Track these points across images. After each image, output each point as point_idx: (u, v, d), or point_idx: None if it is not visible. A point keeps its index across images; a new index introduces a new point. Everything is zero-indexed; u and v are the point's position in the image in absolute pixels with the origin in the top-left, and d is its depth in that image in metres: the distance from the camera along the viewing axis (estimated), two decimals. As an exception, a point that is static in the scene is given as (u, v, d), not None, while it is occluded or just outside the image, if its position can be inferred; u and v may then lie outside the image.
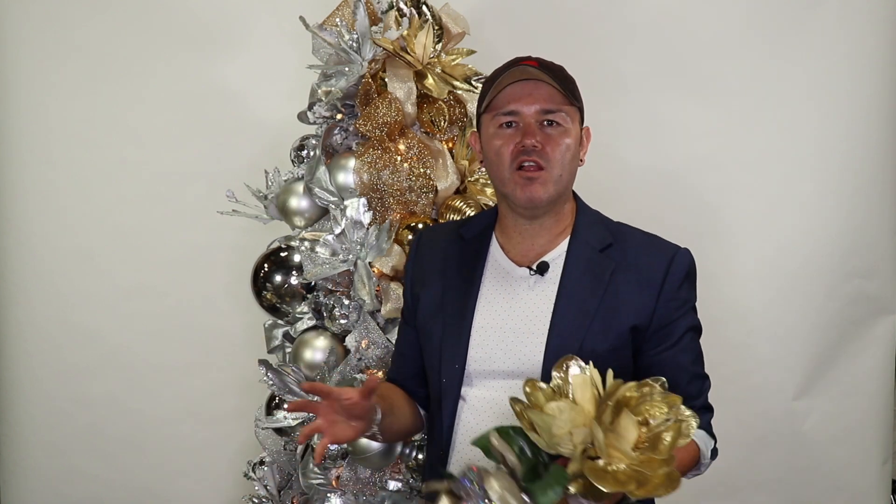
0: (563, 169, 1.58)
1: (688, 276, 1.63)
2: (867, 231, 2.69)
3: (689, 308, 1.63)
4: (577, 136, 1.60)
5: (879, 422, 2.81)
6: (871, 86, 2.62)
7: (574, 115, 1.59)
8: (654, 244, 1.64)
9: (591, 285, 1.58)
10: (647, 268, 1.59)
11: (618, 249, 1.62)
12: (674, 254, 1.61)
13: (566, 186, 1.61)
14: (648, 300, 1.57)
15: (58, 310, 2.78)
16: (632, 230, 1.67)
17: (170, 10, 2.67)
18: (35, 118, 2.73)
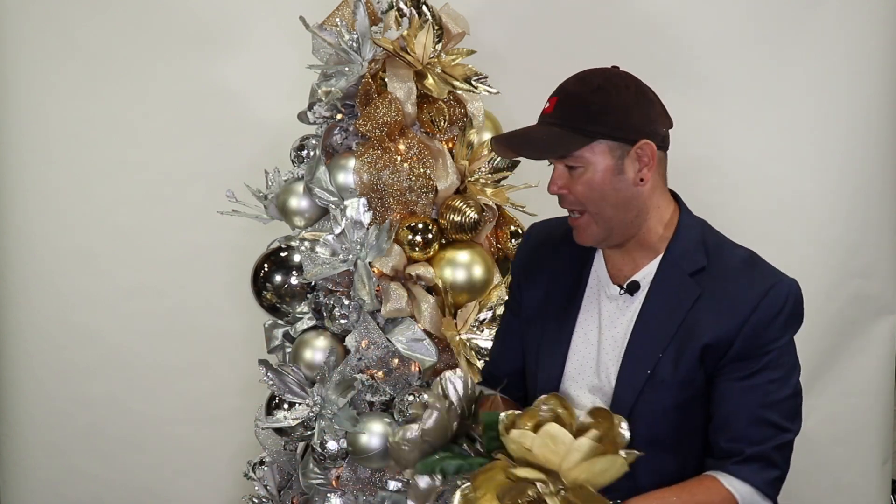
0: (598, 207, 1.47)
1: (783, 312, 1.45)
2: (867, 231, 2.69)
3: (778, 347, 1.45)
4: (608, 164, 1.45)
5: (879, 422, 2.81)
6: (871, 86, 2.62)
7: (598, 146, 1.45)
8: (751, 272, 1.49)
9: (672, 310, 1.48)
10: (735, 297, 1.45)
11: (709, 275, 1.49)
12: (771, 286, 1.46)
13: (620, 222, 1.49)
14: (729, 331, 1.44)
15: (58, 310, 2.78)
16: (732, 253, 1.53)
17: (170, 10, 2.67)
18: (35, 118, 2.73)
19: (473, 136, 2.13)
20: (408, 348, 2.04)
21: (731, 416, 1.42)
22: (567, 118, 1.46)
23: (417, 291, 2.06)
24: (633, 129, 1.46)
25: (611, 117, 1.45)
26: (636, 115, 1.46)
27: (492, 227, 2.19)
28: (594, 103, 1.46)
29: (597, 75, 1.52)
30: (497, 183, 2.15)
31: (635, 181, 1.47)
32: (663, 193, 1.53)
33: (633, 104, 1.47)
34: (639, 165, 1.46)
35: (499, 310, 2.10)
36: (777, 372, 1.43)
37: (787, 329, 1.46)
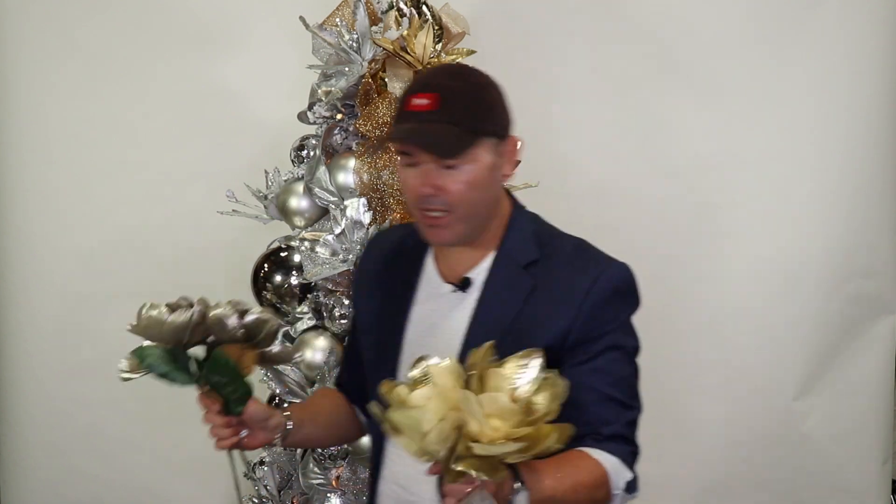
0: (472, 206, 1.44)
1: (616, 294, 1.45)
2: (867, 231, 2.69)
3: (614, 327, 1.44)
4: (489, 162, 1.43)
5: (879, 422, 2.81)
6: (871, 86, 2.62)
7: (483, 143, 1.42)
8: (581, 259, 1.48)
9: (507, 305, 1.46)
10: (567, 285, 1.45)
11: (542, 267, 1.48)
12: (601, 271, 1.45)
13: (483, 218, 1.48)
14: (564, 320, 1.43)
15: (58, 310, 2.78)
16: (564, 244, 1.51)
17: (170, 11, 2.67)
18: (35, 118, 2.73)
19: (473, 136, 2.13)
20: (408, 348, 2.04)
21: (581, 399, 1.37)
22: (458, 116, 1.41)
23: (417, 291, 2.06)
24: (507, 126, 1.47)
25: (494, 114, 1.45)
26: (506, 110, 1.48)
27: (492, 227, 2.18)
28: (482, 100, 1.44)
29: (471, 72, 1.49)
30: (497, 183, 2.14)
31: (500, 177, 1.48)
32: (501, 188, 1.53)
33: (502, 100, 1.47)
34: (504, 161, 1.47)
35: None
36: (617, 352, 1.44)
37: (623, 309, 1.47)
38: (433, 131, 1.41)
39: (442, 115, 1.41)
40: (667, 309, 2.73)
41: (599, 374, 1.42)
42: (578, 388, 1.33)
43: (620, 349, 1.45)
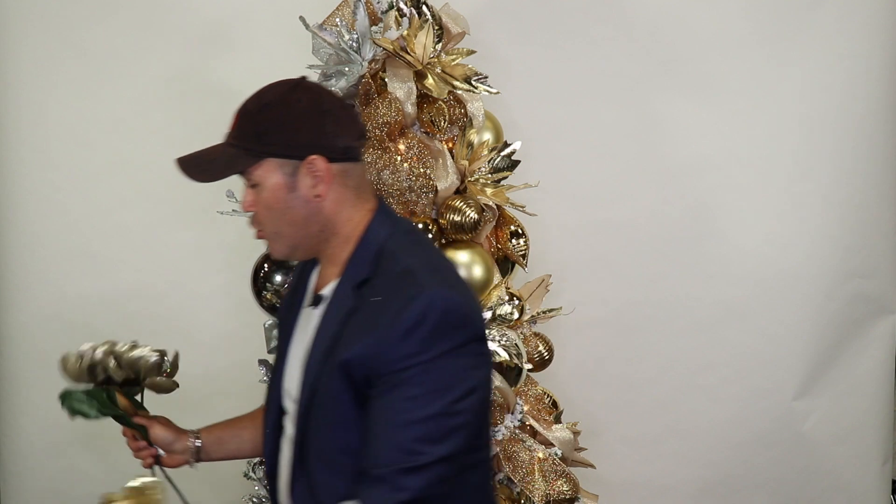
0: (274, 225, 1.45)
1: (422, 326, 1.31)
2: (867, 231, 2.69)
3: (420, 363, 1.31)
4: (280, 182, 1.42)
5: (879, 422, 2.81)
6: (870, 86, 2.63)
7: (267, 164, 1.43)
8: (399, 285, 1.37)
9: (334, 324, 1.43)
10: (378, 310, 1.36)
11: (369, 287, 1.41)
12: (410, 299, 1.33)
13: (303, 235, 1.45)
14: (367, 346, 1.34)
15: (58, 310, 2.78)
16: (395, 266, 1.41)
17: (170, 10, 2.67)
18: (35, 118, 2.73)
19: (473, 136, 2.13)
20: (408, 348, 2.04)
21: (369, 434, 1.33)
22: (240, 137, 1.46)
23: (417, 291, 2.06)
24: (302, 145, 1.42)
25: (278, 135, 1.43)
26: (306, 130, 1.42)
27: (492, 227, 2.19)
28: (262, 122, 1.45)
29: (271, 91, 1.49)
30: (497, 183, 2.15)
31: (309, 197, 1.42)
32: (355, 206, 1.46)
33: (303, 121, 1.43)
34: (312, 181, 1.42)
35: (499, 310, 2.10)
36: (417, 389, 1.30)
37: (431, 344, 1.31)
38: (211, 154, 1.49)
39: (230, 137, 1.48)
40: (666, 309, 2.74)
41: (388, 412, 1.32)
42: (368, 424, 1.32)
43: (422, 386, 1.30)
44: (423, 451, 1.30)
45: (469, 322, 1.36)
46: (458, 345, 1.33)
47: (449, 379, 1.32)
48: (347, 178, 1.45)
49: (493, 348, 2.05)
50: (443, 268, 1.45)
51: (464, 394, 1.32)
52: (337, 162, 1.43)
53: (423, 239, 1.58)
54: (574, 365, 2.66)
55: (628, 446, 2.76)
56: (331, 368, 1.38)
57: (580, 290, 2.59)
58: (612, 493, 2.63)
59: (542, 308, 2.23)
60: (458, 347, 1.33)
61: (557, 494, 2.09)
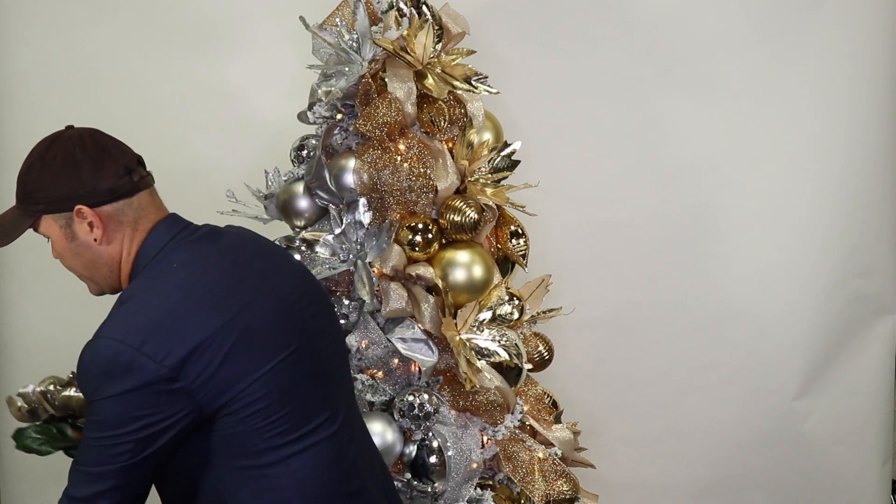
0: (75, 269, 1.61)
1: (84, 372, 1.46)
2: (867, 231, 2.69)
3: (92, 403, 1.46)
4: (60, 233, 1.54)
5: (879, 422, 2.81)
6: (871, 86, 2.62)
7: (45, 221, 1.54)
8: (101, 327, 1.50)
9: None
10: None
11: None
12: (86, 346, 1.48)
13: (98, 276, 1.59)
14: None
15: (58, 310, 2.78)
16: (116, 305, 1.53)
17: (170, 11, 2.67)
18: (35, 118, 2.72)
19: (473, 136, 2.13)
20: (408, 348, 2.04)
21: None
22: (18, 199, 1.55)
23: (417, 291, 2.06)
24: (66, 199, 1.51)
25: (44, 193, 1.52)
26: (65, 184, 1.51)
27: (492, 227, 2.19)
28: (28, 182, 1.53)
29: (36, 151, 1.56)
30: (497, 183, 2.15)
31: (90, 242, 1.54)
32: (132, 239, 1.56)
33: (60, 176, 1.51)
34: (87, 228, 1.52)
35: (499, 310, 2.10)
36: (91, 419, 1.47)
37: (95, 386, 1.43)
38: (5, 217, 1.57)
39: (17, 201, 1.56)
40: (667, 309, 2.74)
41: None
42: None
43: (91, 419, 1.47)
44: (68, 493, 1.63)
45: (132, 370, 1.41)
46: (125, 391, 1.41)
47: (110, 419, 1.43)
48: (122, 216, 1.54)
49: (494, 348, 2.05)
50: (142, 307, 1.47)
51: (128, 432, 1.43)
52: (104, 205, 1.52)
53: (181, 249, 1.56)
54: (574, 365, 2.66)
55: (628, 446, 2.76)
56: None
57: (580, 290, 2.59)
58: (612, 493, 2.63)
59: (542, 308, 2.23)
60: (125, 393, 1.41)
61: (557, 494, 2.09)
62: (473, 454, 2.05)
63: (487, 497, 2.05)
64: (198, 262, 1.53)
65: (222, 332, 1.44)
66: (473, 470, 2.06)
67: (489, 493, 2.07)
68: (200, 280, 1.49)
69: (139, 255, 1.56)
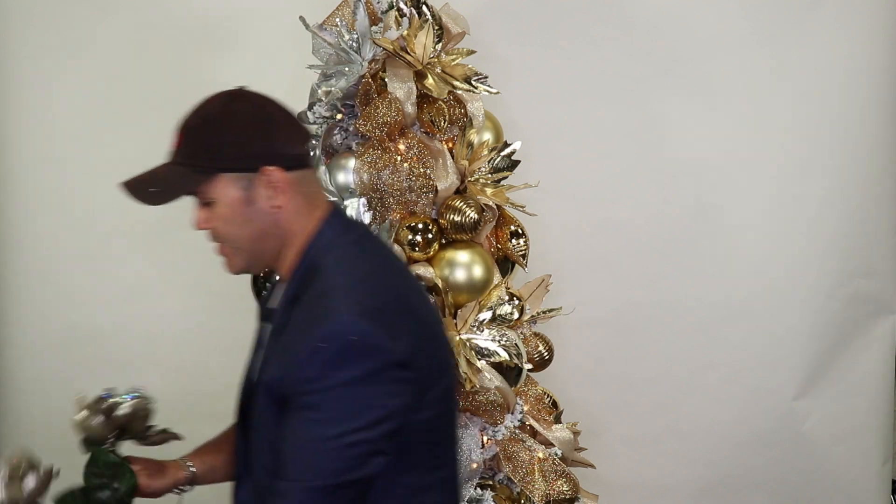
0: (234, 240, 1.42)
1: (323, 351, 1.27)
2: (867, 231, 2.69)
3: (321, 389, 1.27)
4: (236, 196, 1.38)
5: (879, 422, 2.81)
6: (870, 86, 2.63)
7: (219, 181, 1.39)
8: (312, 307, 1.34)
9: (270, 342, 1.42)
10: (293, 332, 1.34)
11: (298, 305, 1.38)
12: (317, 322, 1.30)
13: (262, 249, 1.43)
14: (280, 367, 1.33)
15: (58, 310, 2.78)
16: (318, 285, 1.36)
17: (170, 10, 2.67)
18: (35, 118, 2.73)
19: (473, 136, 2.13)
20: (408, 348, 2.04)
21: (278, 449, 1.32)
22: (188, 155, 1.41)
23: (417, 291, 2.06)
24: (254, 157, 1.38)
25: (227, 149, 1.38)
26: (255, 142, 1.39)
27: (492, 227, 2.19)
28: (208, 136, 1.40)
29: (214, 104, 1.44)
30: (497, 183, 2.15)
31: (268, 209, 1.39)
32: (307, 215, 1.42)
33: (251, 130, 1.39)
34: (269, 192, 1.38)
35: (499, 310, 2.09)
36: (318, 413, 1.27)
37: (333, 370, 1.26)
38: (159, 174, 1.42)
39: (178, 156, 1.42)
40: (667, 308, 2.74)
41: (293, 432, 1.30)
42: (279, 437, 1.31)
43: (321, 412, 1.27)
44: (294, 478, 1.28)
45: (377, 350, 1.28)
46: (366, 373, 1.27)
47: (351, 407, 1.27)
48: (301, 187, 1.41)
49: (494, 348, 2.05)
50: (371, 285, 1.37)
51: (370, 423, 1.27)
52: (292, 170, 1.39)
53: (369, 247, 1.47)
54: (574, 365, 2.66)
55: (628, 446, 2.76)
56: (260, 388, 1.39)
57: (580, 290, 2.59)
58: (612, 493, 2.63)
59: (542, 308, 2.23)
60: (366, 376, 1.27)
61: (557, 494, 2.09)
62: (473, 454, 2.05)
63: (487, 497, 2.05)
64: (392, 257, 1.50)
65: (429, 333, 1.39)
66: (473, 470, 2.06)
67: (489, 493, 2.06)
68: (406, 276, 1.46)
69: (318, 235, 1.42)
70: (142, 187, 1.44)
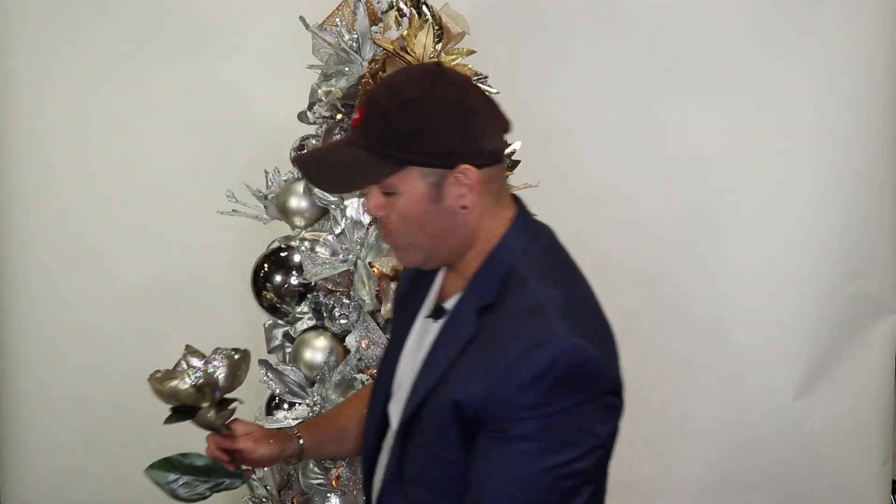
0: (410, 237, 1.29)
1: (545, 377, 1.16)
2: (867, 231, 2.69)
3: (539, 416, 1.17)
4: (423, 192, 1.25)
5: (879, 422, 2.81)
6: (871, 86, 2.62)
7: (407, 174, 1.25)
8: (526, 324, 1.21)
9: (448, 349, 1.28)
10: (497, 349, 1.21)
11: (494, 317, 1.25)
12: (536, 345, 1.18)
13: (442, 247, 1.31)
14: (480, 387, 1.20)
15: (58, 310, 2.78)
16: (524, 297, 1.24)
17: (170, 10, 2.67)
18: (35, 118, 2.73)
19: (473, 136, 2.13)
20: (408, 348, 2.04)
21: (475, 478, 1.22)
22: (373, 140, 1.25)
23: (417, 291, 2.06)
24: (450, 153, 1.24)
25: (422, 141, 1.23)
26: (453, 135, 1.24)
27: (492, 227, 2.18)
28: (403, 123, 1.23)
29: (411, 83, 1.26)
30: (497, 183, 2.14)
31: (455, 208, 1.27)
32: (494, 215, 1.31)
33: (450, 122, 1.24)
34: (459, 191, 1.26)
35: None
36: (531, 444, 1.17)
37: (554, 398, 1.17)
38: (338, 158, 1.30)
39: (360, 137, 1.27)
40: (666, 309, 2.74)
41: (497, 460, 1.20)
42: (474, 465, 1.21)
43: (541, 441, 1.18)
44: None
45: (601, 376, 1.22)
46: (585, 400, 1.20)
47: (569, 436, 1.19)
48: (492, 184, 1.29)
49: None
50: (579, 302, 1.30)
51: (584, 452, 1.20)
52: (485, 168, 1.26)
53: (561, 256, 1.38)
54: (574, 365, 2.65)
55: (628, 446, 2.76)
56: (439, 399, 1.26)
57: (580, 290, 2.59)
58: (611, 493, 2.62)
59: (542, 308, 2.22)
60: (585, 402, 1.20)
61: (557, 494, 2.09)
62: (473, 454, 2.05)
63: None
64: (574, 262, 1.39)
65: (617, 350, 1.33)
66: (473, 470, 2.06)
67: (489, 493, 2.06)
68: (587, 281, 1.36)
69: (506, 237, 1.30)
70: (321, 171, 1.31)
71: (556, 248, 1.38)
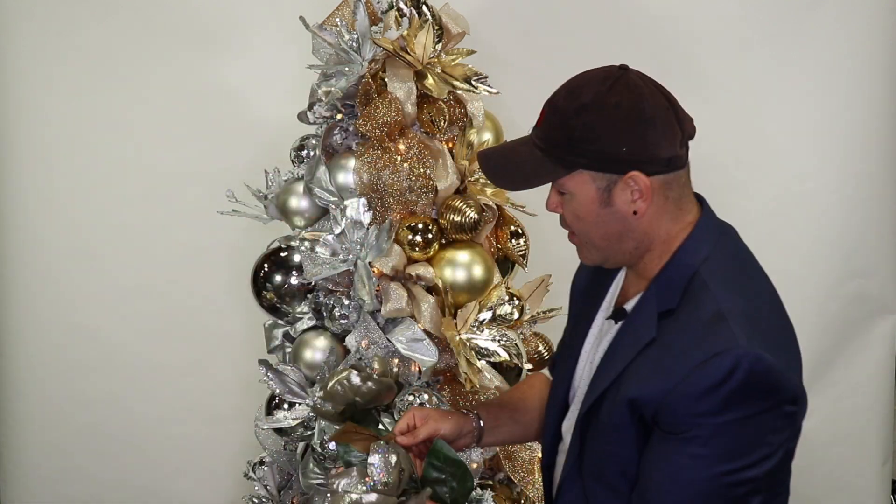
0: (585, 236, 1.35)
1: (722, 386, 1.19)
2: (867, 231, 2.69)
3: (714, 423, 1.20)
4: (593, 196, 1.30)
5: (879, 422, 2.81)
6: (871, 86, 2.62)
7: (579, 176, 1.30)
8: (707, 332, 1.23)
9: (628, 349, 1.32)
10: (676, 355, 1.24)
11: (674, 321, 1.28)
12: (715, 354, 1.20)
13: (616, 249, 1.35)
14: (655, 392, 1.24)
15: (58, 310, 2.78)
16: (707, 304, 1.26)
17: (170, 10, 2.67)
18: (35, 118, 2.73)
19: (473, 136, 2.13)
20: (408, 348, 2.04)
21: (644, 477, 1.27)
22: (549, 142, 1.32)
23: (417, 291, 2.06)
24: (620, 160, 1.28)
25: (593, 146, 1.28)
26: (624, 142, 1.27)
27: (492, 227, 2.19)
28: (577, 128, 1.28)
29: (588, 87, 1.34)
30: (497, 183, 2.14)
31: (626, 214, 1.31)
32: (674, 220, 1.34)
33: (622, 130, 1.27)
34: (630, 197, 1.29)
35: (499, 310, 2.10)
36: (703, 449, 1.20)
37: (729, 407, 1.19)
38: (518, 157, 1.35)
39: (538, 137, 1.34)
40: (667, 309, 2.73)
41: (669, 464, 1.24)
42: (645, 467, 1.26)
43: (711, 447, 1.20)
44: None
45: (778, 388, 1.22)
46: (760, 410, 1.21)
47: (741, 445, 1.21)
48: (669, 191, 1.32)
49: (494, 348, 2.05)
50: (761, 310, 1.31)
51: (756, 461, 1.21)
52: (659, 175, 1.30)
53: (746, 261, 1.41)
54: (574, 365, 2.66)
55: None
56: (615, 398, 1.30)
57: (580, 290, 2.59)
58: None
59: (542, 308, 2.23)
60: (762, 412, 1.21)
61: (557, 494, 2.09)
62: (473, 454, 2.05)
63: (487, 497, 2.05)
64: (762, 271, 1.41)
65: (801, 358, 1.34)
66: (473, 470, 2.06)
67: (489, 493, 2.06)
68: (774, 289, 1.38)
69: (688, 242, 1.33)
70: (499, 165, 1.40)
71: (740, 253, 1.41)
